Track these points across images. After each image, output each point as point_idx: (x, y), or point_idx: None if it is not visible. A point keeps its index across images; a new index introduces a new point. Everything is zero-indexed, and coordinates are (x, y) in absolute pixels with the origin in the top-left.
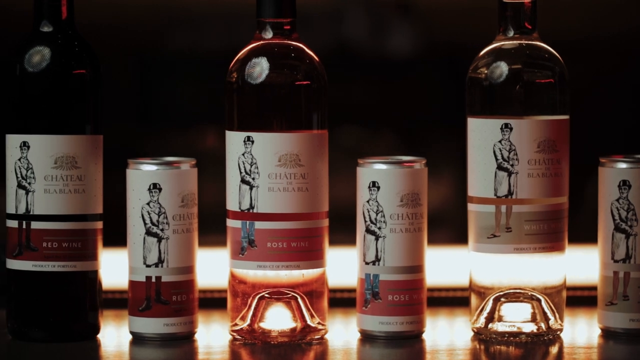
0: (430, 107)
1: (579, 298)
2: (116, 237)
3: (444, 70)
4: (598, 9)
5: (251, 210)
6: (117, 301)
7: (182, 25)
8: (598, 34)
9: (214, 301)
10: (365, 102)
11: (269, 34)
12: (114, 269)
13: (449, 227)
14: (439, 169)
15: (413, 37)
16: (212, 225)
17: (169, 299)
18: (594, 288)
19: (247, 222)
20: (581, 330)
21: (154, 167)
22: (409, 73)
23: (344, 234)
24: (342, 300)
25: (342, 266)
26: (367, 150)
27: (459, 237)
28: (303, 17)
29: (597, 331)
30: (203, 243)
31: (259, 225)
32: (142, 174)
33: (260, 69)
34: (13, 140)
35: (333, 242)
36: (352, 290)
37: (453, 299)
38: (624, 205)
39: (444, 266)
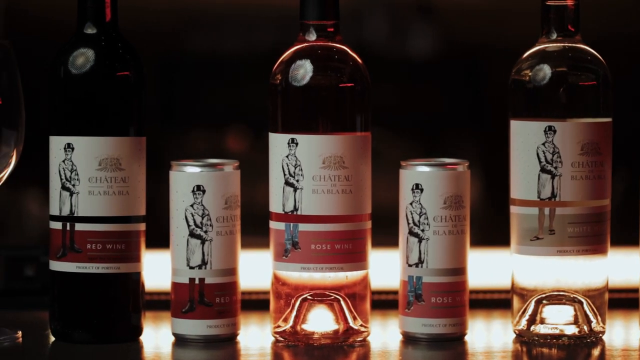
0: (451, 108)
1: (620, 300)
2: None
3: (465, 71)
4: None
5: (295, 213)
6: (157, 303)
7: (202, 27)
8: None
9: (252, 303)
10: (387, 103)
11: (312, 36)
12: (152, 270)
13: (476, 229)
14: None
15: (434, 38)
16: (244, 227)
17: (212, 300)
18: (634, 290)
19: (291, 224)
20: (622, 333)
21: (197, 169)
22: (430, 74)
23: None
24: (382, 302)
25: (382, 268)
26: (389, 152)
27: (488, 239)
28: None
29: (638, 334)
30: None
31: (303, 227)
32: (186, 175)
33: (304, 71)
34: (57, 142)
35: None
36: (391, 292)
37: (490, 301)
38: None
39: (477, 268)
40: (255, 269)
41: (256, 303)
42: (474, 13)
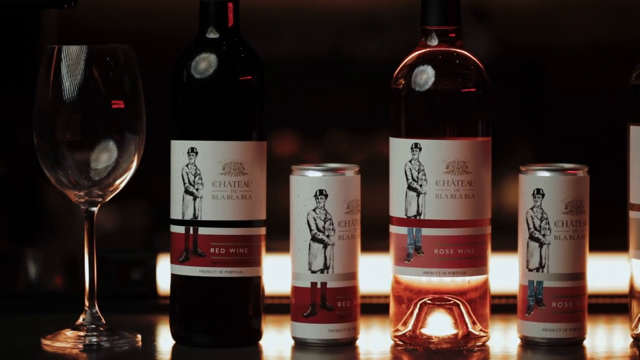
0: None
1: None
2: None
3: (519, 74)
4: None
5: (418, 217)
6: (272, 306)
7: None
8: None
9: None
10: None
11: (434, 41)
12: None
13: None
14: None
15: (489, 42)
16: None
17: (334, 305)
18: None
19: (414, 228)
20: None
21: (319, 174)
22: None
23: None
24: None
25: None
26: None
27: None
28: (375, 21)
29: None
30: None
31: (426, 231)
32: (308, 180)
33: (427, 76)
34: (180, 147)
35: None
36: (504, 297)
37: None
38: None
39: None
40: (367, 273)
41: (368, 307)
42: (530, 15)
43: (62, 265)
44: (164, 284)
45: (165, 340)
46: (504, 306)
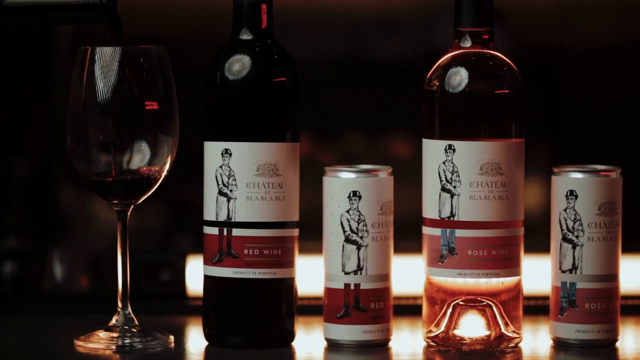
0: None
1: None
2: None
3: (536, 75)
4: None
5: (452, 219)
6: (301, 307)
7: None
8: None
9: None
10: None
11: (467, 43)
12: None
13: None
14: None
15: (505, 42)
16: None
17: (367, 306)
18: None
19: (447, 230)
20: None
21: (353, 175)
22: None
23: None
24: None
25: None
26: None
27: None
28: (392, 22)
29: None
30: None
31: (459, 233)
32: (342, 181)
33: (461, 78)
34: (214, 148)
35: None
36: (532, 298)
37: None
38: None
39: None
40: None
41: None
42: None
43: (85, 266)
44: (192, 285)
45: (196, 341)
46: (528, 307)
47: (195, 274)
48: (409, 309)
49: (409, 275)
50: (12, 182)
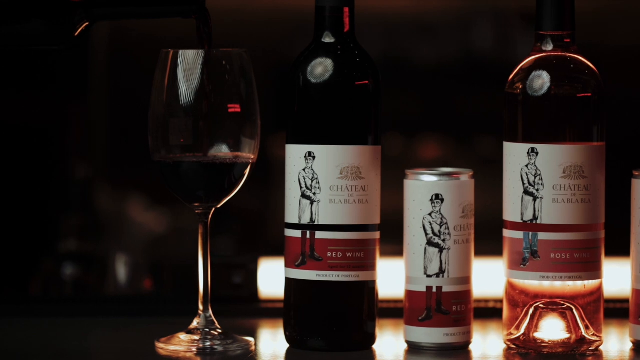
0: None
1: None
2: None
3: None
4: None
5: (535, 222)
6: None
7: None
8: None
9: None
10: (490, 110)
11: (549, 46)
12: None
13: None
14: None
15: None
16: None
17: (449, 309)
18: None
19: (530, 233)
20: None
21: (435, 178)
22: None
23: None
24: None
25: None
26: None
27: None
28: (428, 26)
29: None
30: None
31: (542, 236)
32: (424, 184)
33: (543, 81)
34: (297, 151)
35: None
36: (611, 301)
37: None
38: None
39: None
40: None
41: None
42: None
43: (147, 269)
44: (264, 287)
45: (274, 344)
46: (612, 310)
47: (267, 277)
48: (483, 311)
49: (485, 277)
50: (69, 184)
